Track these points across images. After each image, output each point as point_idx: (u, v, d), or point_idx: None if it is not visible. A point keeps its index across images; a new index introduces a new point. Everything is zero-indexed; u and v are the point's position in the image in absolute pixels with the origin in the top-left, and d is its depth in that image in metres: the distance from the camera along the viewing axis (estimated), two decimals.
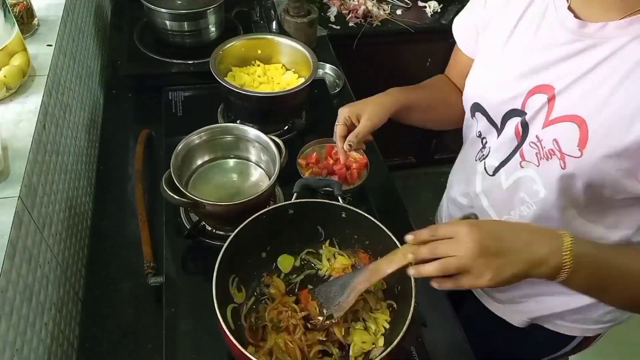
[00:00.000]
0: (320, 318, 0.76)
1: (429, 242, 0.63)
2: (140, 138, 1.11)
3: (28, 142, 0.76)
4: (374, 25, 1.81)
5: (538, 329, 0.95)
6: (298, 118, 1.18)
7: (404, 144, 2.37)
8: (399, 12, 1.88)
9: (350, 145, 0.88)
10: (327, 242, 0.87)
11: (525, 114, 0.76)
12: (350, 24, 1.80)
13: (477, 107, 0.85)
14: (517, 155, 0.79)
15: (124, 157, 1.13)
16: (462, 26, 0.93)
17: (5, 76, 0.81)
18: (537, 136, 0.75)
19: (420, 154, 2.43)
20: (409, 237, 0.65)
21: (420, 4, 1.92)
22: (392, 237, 0.76)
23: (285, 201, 0.90)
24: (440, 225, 0.63)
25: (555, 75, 0.72)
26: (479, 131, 0.87)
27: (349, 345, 0.76)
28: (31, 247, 0.72)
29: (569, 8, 0.70)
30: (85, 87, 1.17)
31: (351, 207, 0.81)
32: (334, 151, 1.08)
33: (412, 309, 0.68)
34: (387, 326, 0.78)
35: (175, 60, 1.31)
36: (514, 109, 0.78)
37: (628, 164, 0.66)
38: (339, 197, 0.86)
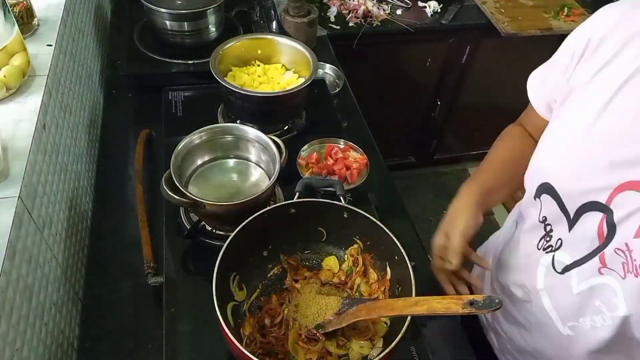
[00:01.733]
0: (308, 323, 0.77)
1: None
2: (140, 138, 1.11)
3: (28, 142, 0.76)
4: (374, 25, 1.81)
5: None
6: (298, 118, 1.18)
7: (404, 144, 2.37)
8: (399, 12, 1.88)
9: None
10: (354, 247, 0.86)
11: (611, 212, 0.63)
12: (350, 24, 1.80)
13: (546, 189, 0.71)
14: (597, 258, 0.66)
15: (124, 157, 1.13)
16: (538, 84, 0.79)
17: (5, 76, 0.81)
18: (626, 244, 0.61)
19: (420, 154, 2.44)
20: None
21: (420, 4, 1.92)
22: (394, 239, 0.76)
23: (285, 201, 0.90)
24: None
25: None
26: (544, 216, 0.73)
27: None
28: (31, 247, 0.72)
29: None
30: (85, 87, 1.17)
31: (353, 208, 0.81)
32: (333, 151, 1.08)
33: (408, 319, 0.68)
34: (386, 326, 0.78)
35: (175, 60, 1.31)
36: (597, 202, 0.64)
37: None
38: (341, 197, 0.86)
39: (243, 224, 0.76)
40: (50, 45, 0.95)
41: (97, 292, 0.91)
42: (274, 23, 1.53)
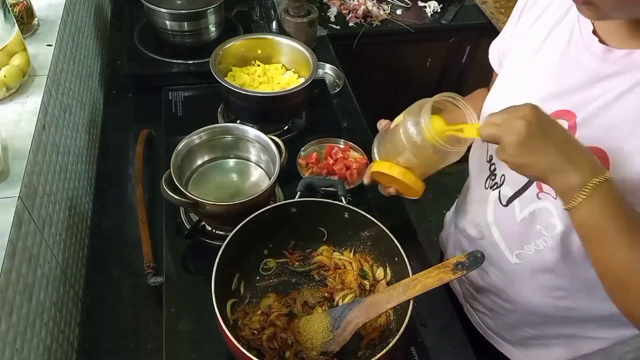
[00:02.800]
0: (314, 353, 0.73)
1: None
2: (140, 138, 1.11)
3: (28, 142, 0.76)
4: (374, 25, 1.81)
5: None
6: (298, 118, 1.18)
7: None
8: (399, 12, 1.88)
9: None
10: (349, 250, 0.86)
11: None
12: (350, 24, 1.80)
13: None
14: (534, 185, 0.74)
15: (124, 157, 1.13)
16: (495, 49, 0.88)
17: (5, 76, 0.81)
18: None
19: None
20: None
21: (420, 4, 1.92)
22: (395, 240, 0.76)
23: (285, 200, 0.90)
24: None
25: (578, 102, 0.67)
26: (490, 155, 0.82)
27: None
28: (31, 247, 0.72)
29: (594, 32, 0.66)
30: (85, 87, 1.17)
31: (354, 208, 0.81)
32: (333, 151, 1.08)
33: (410, 309, 0.68)
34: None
35: (175, 60, 1.31)
36: None
37: None
38: (342, 197, 0.86)
39: (244, 222, 0.76)
40: (50, 45, 0.95)
41: (97, 292, 0.91)
42: (274, 23, 1.53)
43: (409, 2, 1.91)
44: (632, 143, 0.62)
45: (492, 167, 0.82)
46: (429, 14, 1.88)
